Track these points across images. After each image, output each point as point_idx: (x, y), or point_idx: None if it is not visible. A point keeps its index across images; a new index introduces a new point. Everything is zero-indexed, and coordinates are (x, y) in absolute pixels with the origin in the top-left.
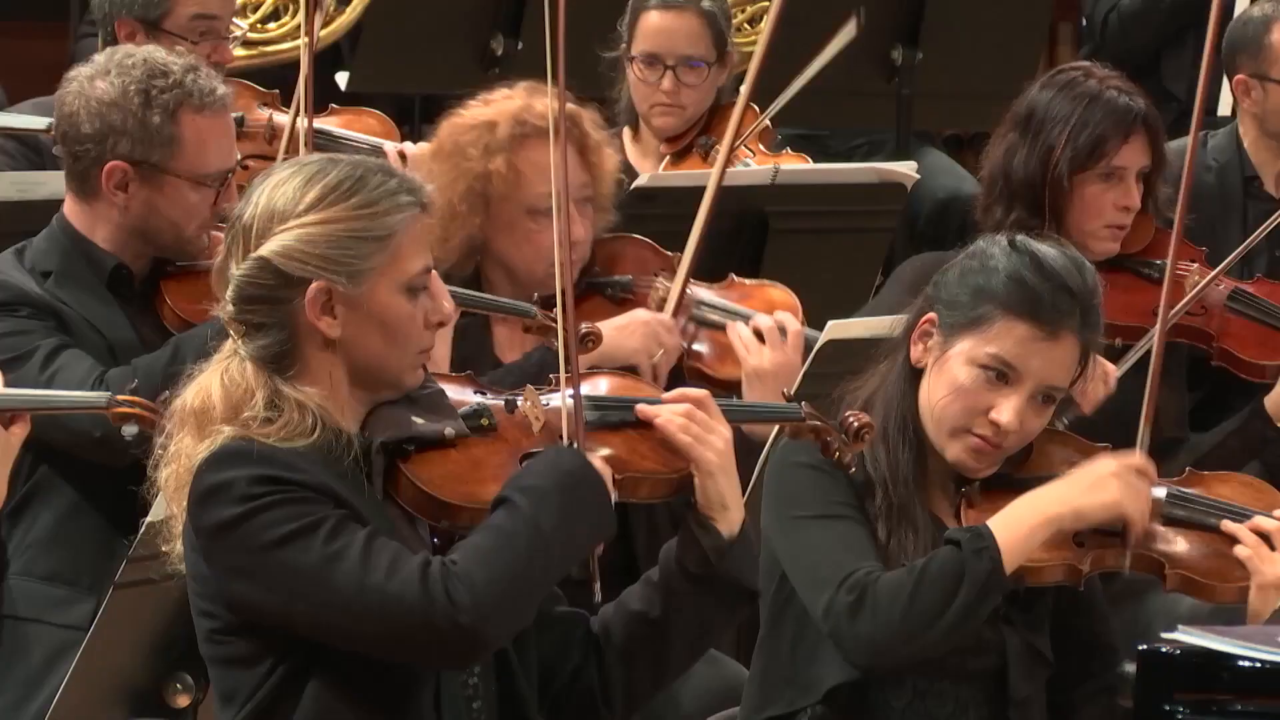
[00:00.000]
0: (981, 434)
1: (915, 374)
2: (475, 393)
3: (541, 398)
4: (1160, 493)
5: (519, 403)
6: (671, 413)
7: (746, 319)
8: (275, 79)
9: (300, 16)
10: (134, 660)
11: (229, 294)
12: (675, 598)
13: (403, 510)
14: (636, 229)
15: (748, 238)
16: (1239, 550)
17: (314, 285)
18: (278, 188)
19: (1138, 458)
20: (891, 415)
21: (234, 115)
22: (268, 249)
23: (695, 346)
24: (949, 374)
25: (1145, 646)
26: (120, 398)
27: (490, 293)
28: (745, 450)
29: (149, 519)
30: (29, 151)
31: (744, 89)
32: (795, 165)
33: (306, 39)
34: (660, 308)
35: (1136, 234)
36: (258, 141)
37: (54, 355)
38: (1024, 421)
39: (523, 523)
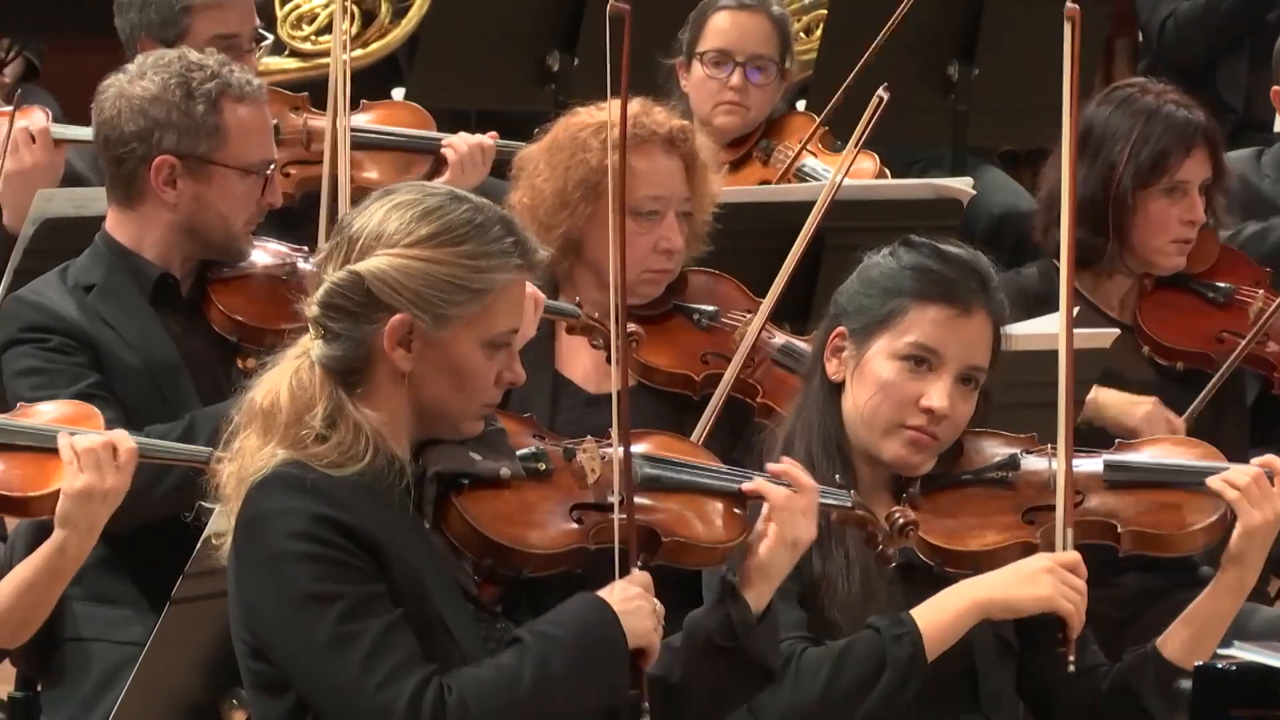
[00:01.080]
0: (916, 424)
1: (834, 390)
2: (533, 436)
3: (600, 450)
4: (1097, 465)
5: (578, 452)
6: (776, 486)
7: None
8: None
9: (352, 27)
10: (190, 675)
11: (318, 295)
12: (696, 666)
13: (449, 542)
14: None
15: (804, 253)
16: (1227, 494)
17: (398, 316)
18: (396, 209)
19: (1069, 555)
20: (814, 438)
21: (270, 122)
22: (365, 267)
23: (769, 386)
24: (871, 375)
25: (1201, 662)
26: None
27: (575, 296)
28: None
29: (205, 533)
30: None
31: None
32: (852, 181)
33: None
34: (740, 345)
35: (1200, 253)
36: (295, 147)
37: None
38: (954, 406)
39: (530, 668)
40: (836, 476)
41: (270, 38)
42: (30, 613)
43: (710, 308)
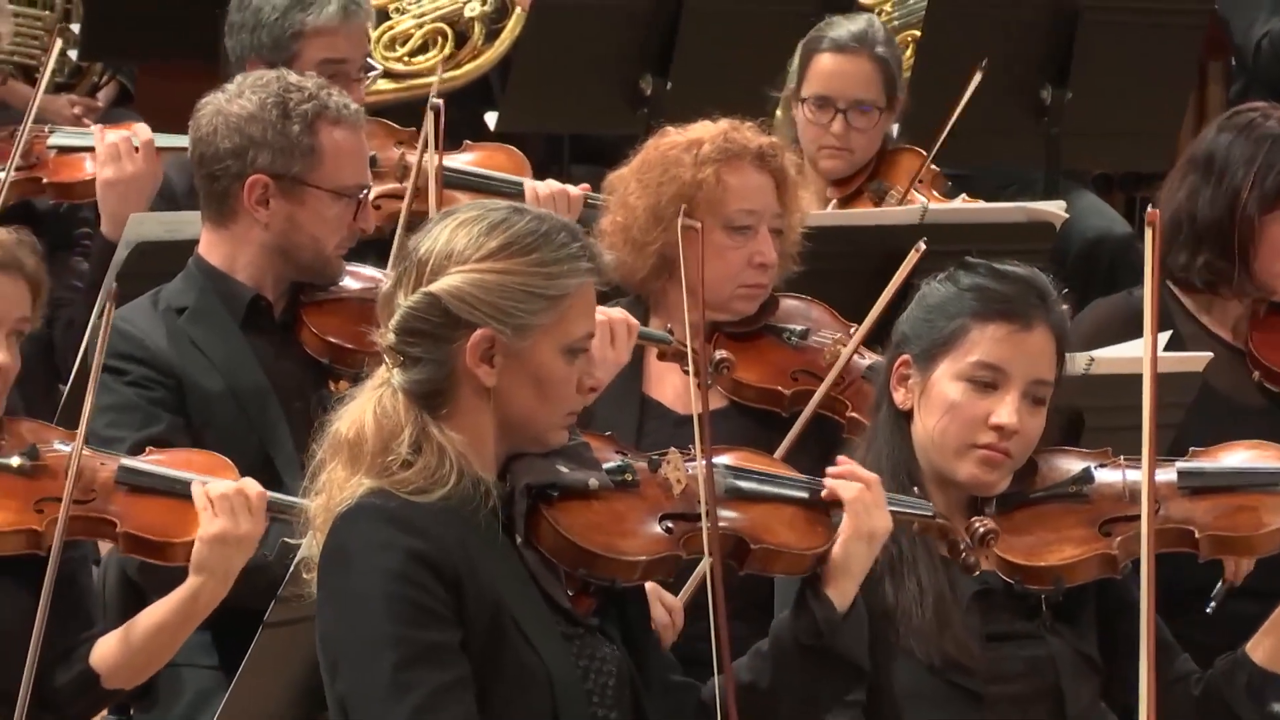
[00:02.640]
0: (987, 443)
1: (902, 419)
2: (616, 452)
3: (685, 462)
4: (1171, 475)
5: (662, 464)
6: (851, 478)
7: None
8: (418, 117)
9: (447, 49)
10: (281, 699)
11: (393, 323)
12: (785, 669)
13: (541, 555)
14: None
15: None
16: None
17: (479, 332)
18: (461, 228)
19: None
20: (884, 468)
21: (368, 154)
22: (440, 286)
23: (859, 403)
24: (938, 398)
25: None
26: None
27: (669, 316)
28: None
29: (297, 559)
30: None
31: None
32: (944, 204)
33: (436, 77)
34: (830, 367)
35: None
36: (389, 180)
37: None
38: (1022, 421)
39: None
40: (915, 490)
41: (379, 68)
42: (156, 655)
43: (800, 326)
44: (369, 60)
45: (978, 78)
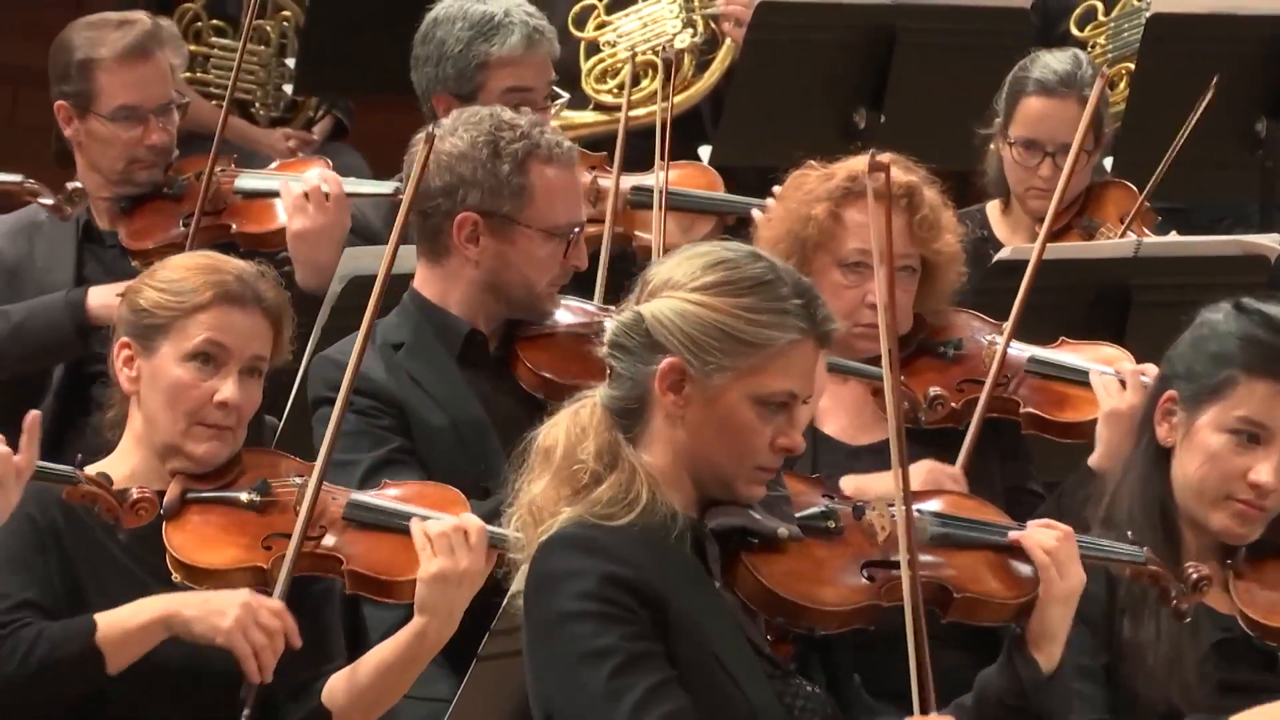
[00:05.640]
0: (1244, 499)
1: (1163, 454)
2: (823, 495)
3: (890, 507)
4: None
5: (867, 510)
6: (1042, 534)
7: (1085, 371)
8: (630, 147)
9: (656, 82)
10: None
11: (607, 334)
12: None
13: (740, 600)
14: (1000, 302)
15: (1109, 311)
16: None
17: (670, 359)
18: (691, 259)
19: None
20: (1138, 501)
21: (580, 185)
22: (647, 308)
23: (1029, 396)
24: (1200, 445)
25: None
26: None
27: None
28: None
29: (511, 590)
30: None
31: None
32: (1157, 238)
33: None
34: (990, 363)
35: None
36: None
37: (373, 472)
38: None
39: None
40: (1129, 534)
41: (566, 95)
42: (385, 695)
43: (955, 339)
44: (555, 88)
45: (1208, 95)
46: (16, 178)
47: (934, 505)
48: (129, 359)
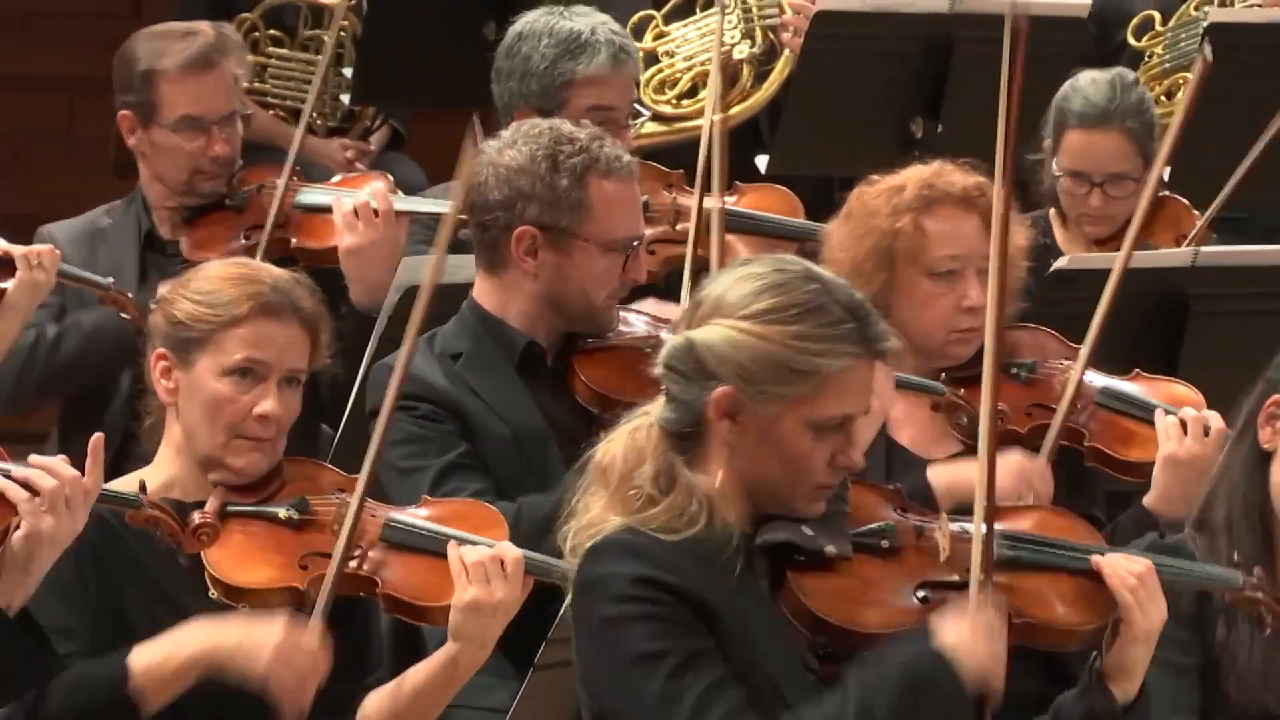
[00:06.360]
0: None
1: (1263, 458)
2: (896, 510)
3: (954, 526)
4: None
5: (930, 528)
6: (1125, 569)
7: (1153, 409)
8: (685, 158)
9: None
10: None
11: (661, 356)
12: None
13: (788, 617)
14: (1055, 312)
15: (1166, 320)
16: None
17: (723, 388)
18: (743, 280)
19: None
20: (1236, 503)
21: (639, 199)
22: (698, 334)
23: (1097, 430)
24: None
25: None
26: None
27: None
28: None
29: (568, 600)
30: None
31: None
32: (1215, 247)
33: (714, 118)
34: (1062, 393)
35: None
36: (662, 225)
37: (444, 477)
38: None
39: (852, 713)
40: (1235, 555)
41: (647, 113)
42: (422, 716)
43: (1029, 360)
44: (637, 106)
45: None
46: (108, 281)
47: (1001, 525)
48: (166, 370)
